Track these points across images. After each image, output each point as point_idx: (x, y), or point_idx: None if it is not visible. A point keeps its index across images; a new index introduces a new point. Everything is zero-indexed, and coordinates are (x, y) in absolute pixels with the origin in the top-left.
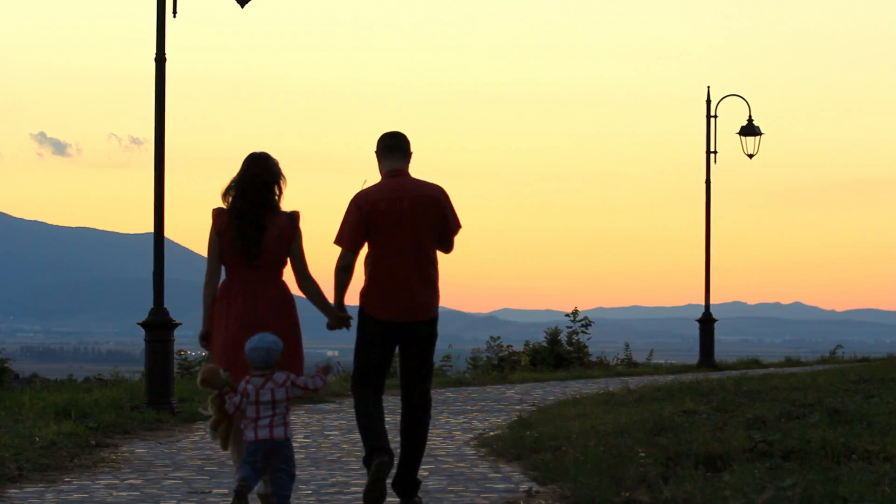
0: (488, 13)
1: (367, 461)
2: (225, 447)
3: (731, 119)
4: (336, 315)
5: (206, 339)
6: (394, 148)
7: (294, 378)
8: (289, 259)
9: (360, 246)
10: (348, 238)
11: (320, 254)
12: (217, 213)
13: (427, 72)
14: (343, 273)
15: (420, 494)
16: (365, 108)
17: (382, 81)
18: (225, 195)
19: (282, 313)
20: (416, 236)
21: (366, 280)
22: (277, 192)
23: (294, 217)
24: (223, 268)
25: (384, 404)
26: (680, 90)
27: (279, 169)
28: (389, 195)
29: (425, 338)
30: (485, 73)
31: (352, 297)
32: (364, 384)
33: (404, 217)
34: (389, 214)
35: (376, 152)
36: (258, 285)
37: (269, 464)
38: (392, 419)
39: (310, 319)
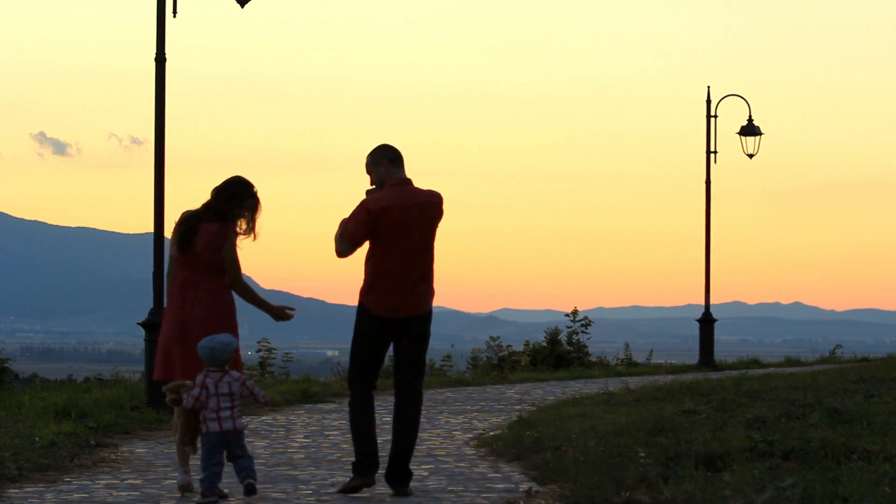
0: (488, 13)
1: (356, 469)
2: (186, 443)
3: (731, 119)
4: (278, 311)
5: None
6: (397, 160)
7: (245, 379)
8: (224, 266)
9: (360, 245)
10: (353, 236)
11: (320, 252)
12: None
13: (427, 72)
14: (345, 253)
15: (412, 486)
16: (365, 108)
17: (382, 81)
18: None
19: (210, 315)
20: (421, 239)
21: (367, 278)
22: (234, 215)
23: (226, 227)
24: None
25: (379, 404)
26: (680, 90)
27: (244, 193)
28: (400, 202)
29: (420, 335)
30: (484, 73)
31: (349, 297)
32: (359, 379)
33: (412, 221)
34: (400, 219)
35: (376, 163)
36: (191, 288)
37: (229, 452)
38: (382, 418)
39: (310, 319)
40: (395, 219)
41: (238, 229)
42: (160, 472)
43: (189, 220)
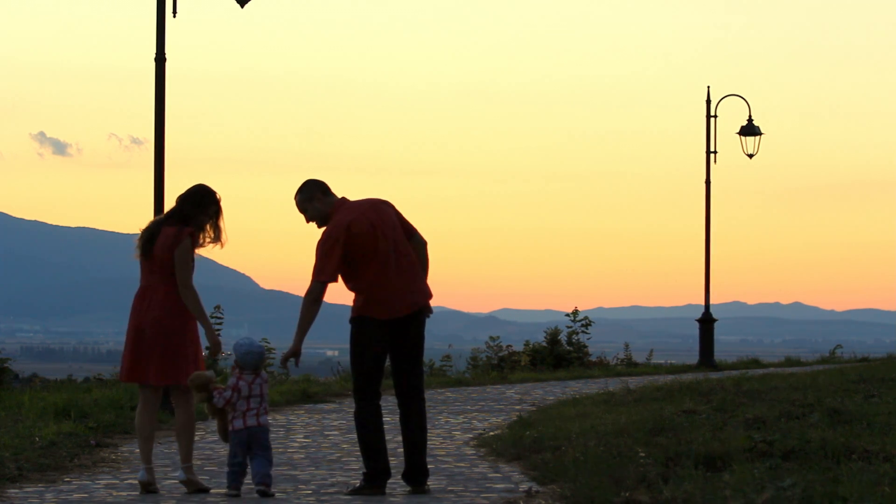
0: (488, 13)
1: (369, 481)
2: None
3: (731, 119)
4: (215, 340)
5: None
6: (327, 189)
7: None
8: (175, 267)
9: (339, 276)
10: (332, 270)
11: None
12: None
13: (426, 72)
14: (315, 305)
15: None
16: (365, 108)
17: (382, 81)
18: None
19: (162, 317)
20: (392, 237)
21: (361, 292)
22: (196, 213)
23: (182, 231)
24: None
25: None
26: (680, 90)
27: (208, 201)
28: (355, 213)
29: (420, 332)
30: (484, 73)
31: (349, 297)
32: (367, 390)
33: (376, 226)
34: (365, 229)
35: (310, 199)
36: (149, 291)
37: (250, 450)
38: (390, 419)
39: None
40: (363, 227)
41: (207, 237)
42: (160, 472)
43: (151, 226)
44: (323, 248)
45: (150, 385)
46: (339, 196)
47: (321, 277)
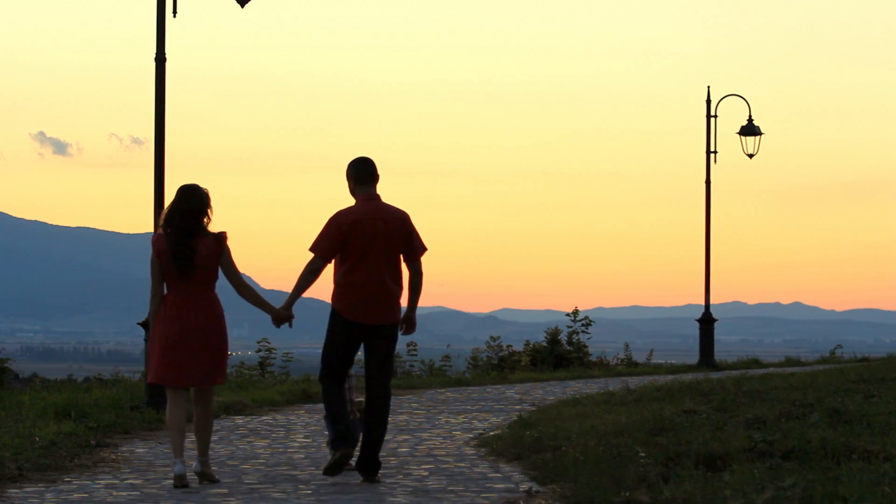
0: (488, 12)
1: (333, 445)
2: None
3: (731, 119)
4: (278, 313)
5: None
6: (371, 176)
7: None
8: (224, 273)
9: (332, 258)
10: (324, 249)
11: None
12: (155, 238)
13: (426, 72)
14: (311, 275)
15: (380, 473)
16: (365, 108)
17: (382, 81)
18: (164, 224)
19: (211, 322)
20: (386, 251)
21: (338, 286)
22: (206, 219)
23: (220, 237)
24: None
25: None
26: (680, 90)
27: (207, 198)
28: (367, 216)
29: (387, 339)
30: (484, 73)
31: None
32: (331, 376)
33: (378, 235)
34: (366, 232)
35: (348, 177)
36: (191, 298)
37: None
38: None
39: (310, 319)
40: (363, 231)
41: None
42: (160, 472)
43: (186, 244)
44: (325, 226)
45: (185, 386)
46: (374, 191)
47: (313, 249)
